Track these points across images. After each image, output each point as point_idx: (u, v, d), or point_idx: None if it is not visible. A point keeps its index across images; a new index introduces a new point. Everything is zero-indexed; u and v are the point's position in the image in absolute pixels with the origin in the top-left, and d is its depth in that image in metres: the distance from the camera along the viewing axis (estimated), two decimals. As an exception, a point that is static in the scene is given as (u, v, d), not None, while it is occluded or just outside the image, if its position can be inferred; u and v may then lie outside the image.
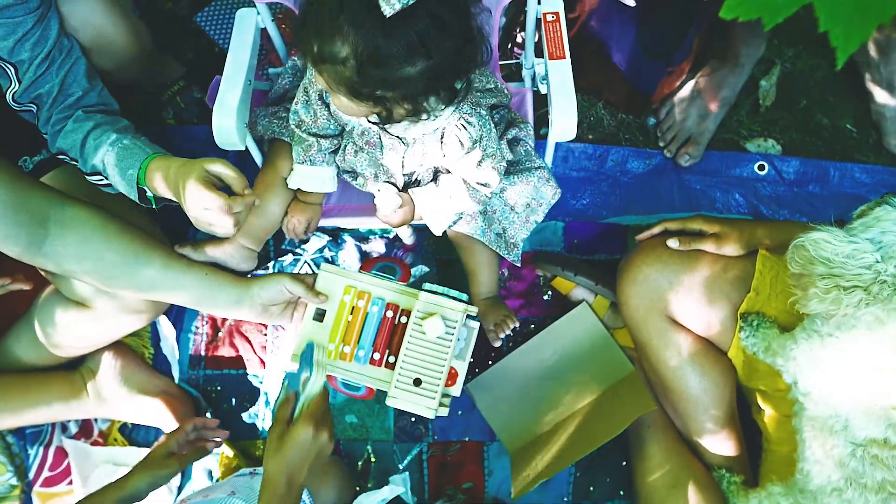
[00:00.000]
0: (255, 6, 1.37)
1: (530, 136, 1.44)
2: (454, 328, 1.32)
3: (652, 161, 1.76)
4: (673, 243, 1.40)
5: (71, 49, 1.25)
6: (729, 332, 1.38)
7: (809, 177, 1.75)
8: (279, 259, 1.69)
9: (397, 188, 1.37)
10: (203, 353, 1.66)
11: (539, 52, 1.43)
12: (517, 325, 1.47)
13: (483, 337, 1.64)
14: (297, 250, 1.69)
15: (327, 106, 1.29)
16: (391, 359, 1.35)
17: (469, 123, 1.25)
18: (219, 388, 1.65)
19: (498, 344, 1.47)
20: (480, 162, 1.28)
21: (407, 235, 1.60)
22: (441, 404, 1.32)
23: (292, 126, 1.33)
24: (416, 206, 1.36)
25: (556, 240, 1.72)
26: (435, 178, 1.35)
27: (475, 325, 1.43)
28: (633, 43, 1.57)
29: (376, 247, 1.70)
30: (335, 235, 1.70)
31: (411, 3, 0.98)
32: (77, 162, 1.27)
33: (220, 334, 1.67)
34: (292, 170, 1.38)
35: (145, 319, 1.46)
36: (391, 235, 1.69)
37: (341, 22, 1.02)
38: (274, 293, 1.35)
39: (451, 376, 1.43)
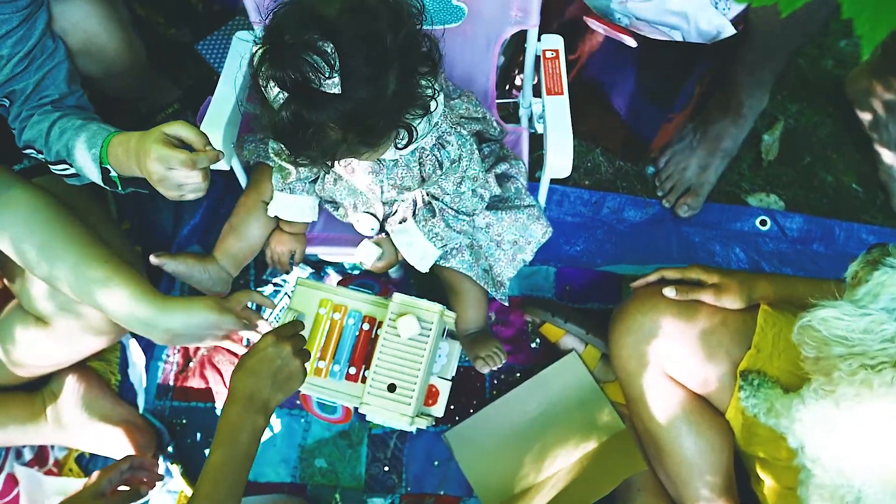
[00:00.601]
0: (253, 30, 1.31)
1: (522, 174, 1.34)
2: (430, 329, 1.21)
3: (649, 210, 1.65)
4: (669, 292, 1.27)
5: (54, 51, 1.17)
6: (727, 390, 1.24)
7: (814, 235, 1.62)
8: (259, 289, 1.57)
9: (377, 218, 1.26)
10: (171, 383, 1.52)
11: (537, 93, 1.35)
12: (506, 358, 1.32)
13: (465, 383, 1.51)
14: (278, 281, 1.57)
15: None
16: (367, 373, 1.22)
17: (447, 143, 1.15)
18: (184, 420, 1.50)
19: (486, 370, 1.32)
20: (460, 184, 1.17)
21: (393, 269, 1.48)
22: (420, 416, 1.21)
23: (272, 154, 1.24)
24: (396, 247, 1.25)
25: (548, 285, 1.59)
26: (415, 213, 1.25)
27: (457, 342, 1.32)
28: (633, 87, 1.48)
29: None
30: (318, 268, 1.58)
31: (338, 65, 0.90)
32: (42, 154, 1.17)
33: (191, 364, 1.53)
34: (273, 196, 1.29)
35: (106, 341, 1.33)
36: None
37: (311, 131, 0.95)
38: (198, 322, 1.17)
39: (433, 395, 1.32)
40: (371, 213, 1.26)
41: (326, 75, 0.90)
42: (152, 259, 1.26)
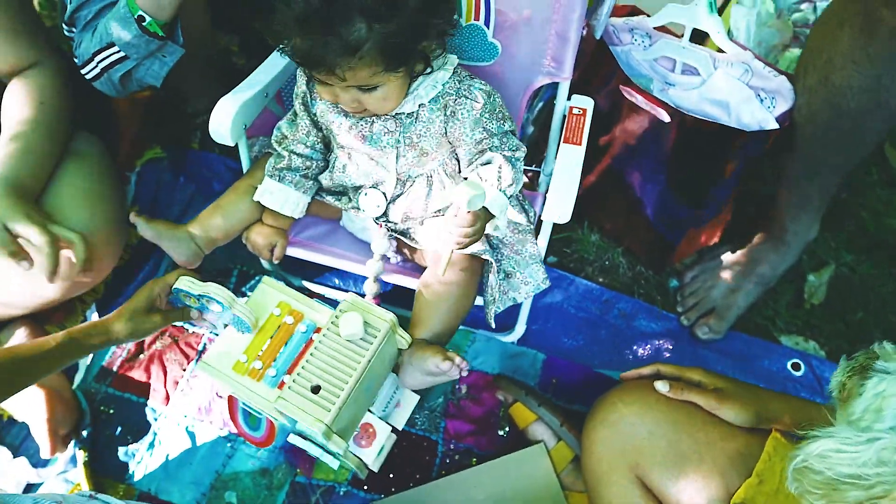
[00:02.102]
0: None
1: (530, 220, 1.17)
2: (374, 337, 0.99)
3: (665, 324, 1.39)
4: (662, 386, 1.01)
5: None
6: (715, 523, 0.92)
7: (856, 395, 1.30)
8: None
9: (385, 196, 1.12)
10: (115, 368, 1.33)
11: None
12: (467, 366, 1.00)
13: (413, 452, 1.24)
14: (256, 295, 1.41)
15: (310, 115, 1.12)
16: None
17: (475, 81, 1.05)
18: (111, 410, 1.29)
19: (448, 366, 0.99)
20: (503, 121, 1.05)
21: (372, 278, 1.28)
22: (342, 437, 0.97)
23: (273, 142, 1.16)
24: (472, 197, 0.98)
25: (533, 373, 1.33)
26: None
27: (412, 394, 1.11)
28: (664, 181, 1.31)
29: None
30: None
31: None
32: (94, 61, 1.15)
33: (141, 356, 1.34)
34: None
35: (60, 290, 1.20)
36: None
37: (338, 12, 0.89)
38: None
39: (368, 434, 1.07)
40: (380, 191, 1.12)
41: None
42: (131, 217, 1.15)
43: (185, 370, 1.33)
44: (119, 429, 1.28)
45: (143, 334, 1.09)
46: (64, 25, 1.20)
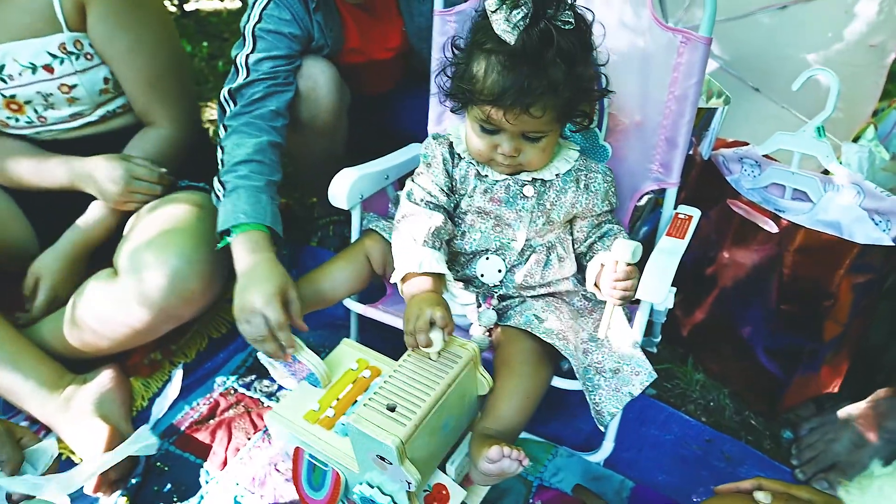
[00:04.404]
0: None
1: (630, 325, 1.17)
2: (455, 362, 1.01)
3: (775, 475, 1.24)
4: (764, 497, 0.92)
5: (289, 84, 1.40)
6: None
7: None
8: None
9: (505, 264, 1.19)
10: (183, 428, 1.35)
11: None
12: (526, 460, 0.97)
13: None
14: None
15: (451, 178, 1.20)
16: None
17: (599, 162, 1.22)
18: (166, 467, 1.28)
19: (496, 455, 0.95)
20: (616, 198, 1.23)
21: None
22: (418, 483, 0.95)
23: (408, 198, 1.20)
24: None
25: (618, 501, 1.20)
26: (547, 262, 1.20)
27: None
28: (775, 312, 1.28)
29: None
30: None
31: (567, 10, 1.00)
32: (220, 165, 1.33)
33: (211, 420, 1.36)
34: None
35: (148, 317, 1.29)
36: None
37: (551, 54, 0.98)
38: None
39: (440, 497, 1.04)
40: (500, 257, 1.20)
41: (566, 8, 0.99)
42: None
43: (249, 439, 1.32)
44: (169, 486, 1.25)
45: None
46: (226, 94, 1.37)
